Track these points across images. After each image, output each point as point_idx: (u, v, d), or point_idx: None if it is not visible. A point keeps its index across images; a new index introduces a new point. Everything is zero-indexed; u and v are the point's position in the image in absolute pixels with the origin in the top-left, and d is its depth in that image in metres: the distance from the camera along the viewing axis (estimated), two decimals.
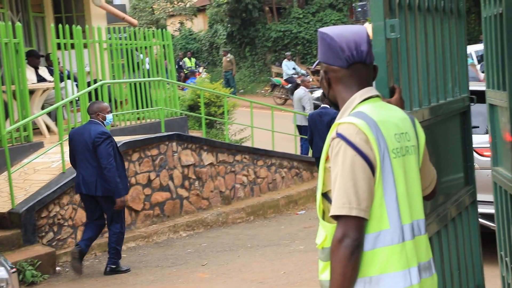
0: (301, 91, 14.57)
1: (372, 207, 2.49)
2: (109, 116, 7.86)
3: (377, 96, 2.65)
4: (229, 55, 27.69)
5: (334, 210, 2.47)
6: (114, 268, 7.87)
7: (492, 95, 4.65)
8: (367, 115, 2.54)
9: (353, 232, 2.44)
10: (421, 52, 3.65)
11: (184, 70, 26.88)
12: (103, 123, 7.79)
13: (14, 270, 4.75)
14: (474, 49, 20.38)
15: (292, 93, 18.67)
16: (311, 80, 23.09)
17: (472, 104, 4.26)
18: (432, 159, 2.84)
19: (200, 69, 26.50)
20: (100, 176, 7.59)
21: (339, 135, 2.50)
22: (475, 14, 27.35)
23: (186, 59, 27.65)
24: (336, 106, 2.71)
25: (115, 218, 7.83)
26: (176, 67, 28.54)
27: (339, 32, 2.63)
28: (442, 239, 3.70)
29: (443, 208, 3.69)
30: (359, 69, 2.62)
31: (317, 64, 2.80)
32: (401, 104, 2.85)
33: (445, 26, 4.01)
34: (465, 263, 4.04)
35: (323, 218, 2.60)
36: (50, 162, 9.17)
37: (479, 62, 19.55)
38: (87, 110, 8.15)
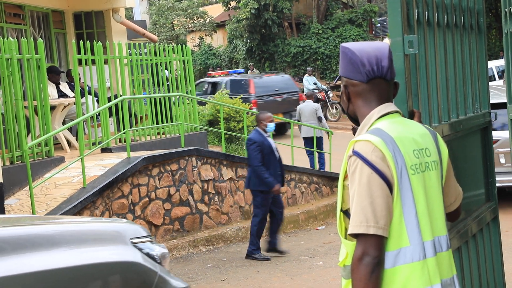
0: (314, 103, 14.61)
1: (391, 225, 2.47)
2: (270, 124, 9.26)
3: (396, 112, 2.65)
4: (254, 69, 27.76)
5: (352, 228, 2.47)
6: (249, 254, 9.15)
7: None
8: (384, 131, 2.53)
9: (372, 250, 2.43)
10: (441, 68, 3.64)
11: None
12: (264, 130, 9.21)
13: None
14: (495, 65, 20.33)
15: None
16: (331, 95, 23.24)
17: (493, 120, 4.23)
18: None
19: None
20: (251, 174, 9.16)
21: (355, 153, 2.50)
22: (495, 30, 27.26)
23: None
24: (355, 121, 2.71)
25: (256, 211, 9.21)
26: None
27: (361, 47, 2.64)
28: (463, 256, 3.67)
29: (464, 224, 3.67)
30: (379, 84, 2.62)
31: (338, 79, 2.82)
32: None
33: (465, 42, 4.00)
34: (487, 280, 4.01)
35: (344, 236, 2.59)
36: (71, 177, 9.22)
37: (499, 77, 19.50)
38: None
